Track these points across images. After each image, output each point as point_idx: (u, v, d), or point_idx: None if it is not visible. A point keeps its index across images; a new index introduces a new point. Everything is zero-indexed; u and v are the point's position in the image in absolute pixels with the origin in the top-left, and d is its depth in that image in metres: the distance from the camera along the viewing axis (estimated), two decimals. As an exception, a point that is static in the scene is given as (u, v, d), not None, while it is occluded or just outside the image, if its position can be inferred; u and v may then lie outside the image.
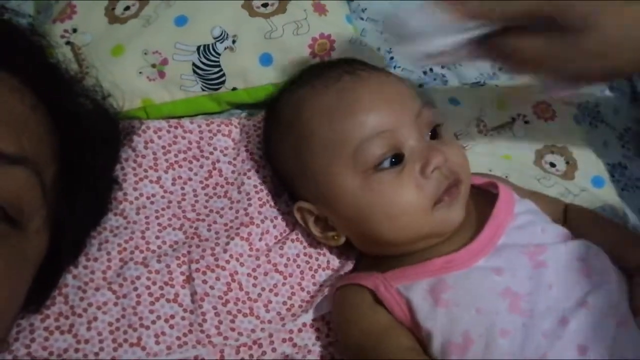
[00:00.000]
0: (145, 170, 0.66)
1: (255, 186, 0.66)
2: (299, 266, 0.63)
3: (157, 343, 0.56)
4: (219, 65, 0.72)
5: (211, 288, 0.59)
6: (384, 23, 0.56)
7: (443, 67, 0.81)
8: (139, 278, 0.59)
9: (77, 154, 0.53)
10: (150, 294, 0.58)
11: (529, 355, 0.50)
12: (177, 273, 0.60)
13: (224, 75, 0.72)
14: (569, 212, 0.65)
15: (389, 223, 0.55)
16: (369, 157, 0.55)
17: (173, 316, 0.58)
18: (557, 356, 0.50)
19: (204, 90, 0.73)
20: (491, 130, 0.76)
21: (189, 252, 0.61)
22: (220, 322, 0.58)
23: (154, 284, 0.59)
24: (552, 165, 0.74)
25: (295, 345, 0.59)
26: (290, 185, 0.63)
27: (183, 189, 0.66)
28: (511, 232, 0.56)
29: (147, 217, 0.63)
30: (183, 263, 0.60)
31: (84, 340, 0.55)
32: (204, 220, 0.65)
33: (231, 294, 0.59)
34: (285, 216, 0.65)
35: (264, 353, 0.58)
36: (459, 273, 0.54)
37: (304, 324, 0.60)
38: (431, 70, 0.82)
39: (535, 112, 0.78)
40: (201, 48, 0.71)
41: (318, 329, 0.60)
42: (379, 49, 0.81)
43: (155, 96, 0.72)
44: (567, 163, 0.74)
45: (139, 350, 0.56)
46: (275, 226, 0.64)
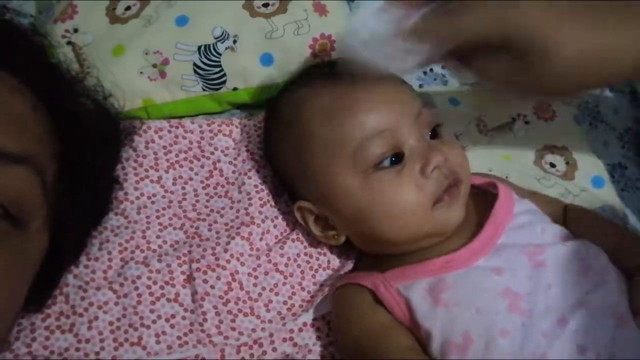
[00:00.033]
0: (146, 170, 0.66)
1: (255, 186, 0.66)
2: (299, 266, 0.63)
3: (158, 342, 0.56)
4: (220, 65, 0.72)
5: (212, 287, 0.59)
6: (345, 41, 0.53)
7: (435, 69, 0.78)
8: (139, 277, 0.59)
9: (78, 153, 0.53)
10: (151, 294, 0.58)
11: (528, 355, 0.50)
12: (178, 272, 0.60)
13: (224, 75, 0.72)
14: (568, 212, 0.65)
15: (389, 222, 0.56)
16: (369, 157, 0.55)
17: (174, 315, 0.58)
18: (557, 356, 0.50)
19: (204, 90, 0.73)
20: (491, 130, 0.76)
21: (190, 252, 0.61)
22: (220, 322, 0.58)
23: (155, 283, 0.59)
24: (552, 165, 0.74)
25: (295, 344, 0.59)
26: (290, 185, 0.64)
27: (184, 188, 0.67)
28: (511, 232, 0.56)
29: (148, 217, 0.63)
30: (184, 262, 0.60)
31: (84, 339, 0.55)
32: (204, 219, 0.65)
33: (232, 294, 0.60)
34: (286, 216, 0.65)
35: (265, 352, 0.58)
36: (458, 273, 0.54)
37: (305, 324, 0.60)
38: (431, 70, 0.82)
39: (535, 112, 0.78)
40: (202, 48, 0.71)
41: (318, 329, 0.60)
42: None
43: (156, 96, 0.72)
44: (567, 163, 0.74)
45: (139, 349, 0.56)
46: (275, 226, 0.65)
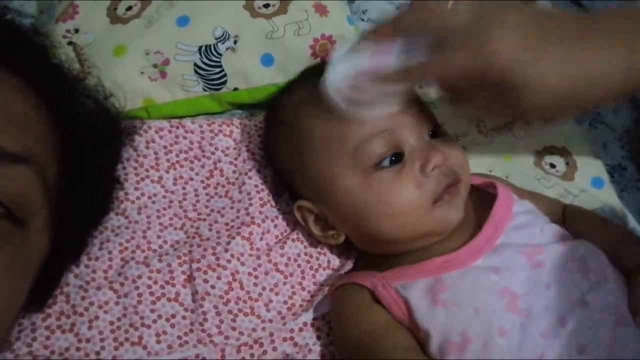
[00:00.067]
0: (147, 170, 0.66)
1: (256, 186, 0.67)
2: (299, 265, 0.63)
3: (158, 342, 0.56)
4: (221, 66, 0.72)
5: (212, 287, 0.59)
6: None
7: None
8: (140, 277, 0.59)
9: (78, 153, 0.53)
10: (152, 293, 0.58)
11: (527, 354, 0.50)
12: (178, 272, 0.60)
13: (225, 75, 0.72)
14: (568, 213, 0.65)
15: (388, 221, 0.56)
16: (370, 156, 0.55)
17: (174, 315, 0.58)
18: (555, 356, 0.50)
19: (205, 90, 0.73)
20: (491, 130, 0.76)
21: (190, 252, 0.61)
22: (221, 321, 0.58)
23: (155, 283, 0.59)
24: (552, 166, 0.74)
25: (296, 344, 0.59)
26: (290, 185, 0.64)
27: (184, 188, 0.67)
28: (510, 232, 0.56)
29: (149, 217, 0.64)
30: (184, 262, 0.60)
31: (85, 339, 0.55)
32: (205, 219, 0.65)
33: (232, 293, 0.60)
34: (286, 216, 0.65)
35: (265, 352, 0.58)
36: (457, 272, 0.54)
37: (305, 323, 0.60)
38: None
39: (535, 113, 0.78)
40: (203, 48, 0.72)
41: (319, 328, 0.60)
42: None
43: (156, 96, 0.72)
44: (567, 164, 0.74)
45: (140, 349, 0.56)
46: (276, 226, 0.65)
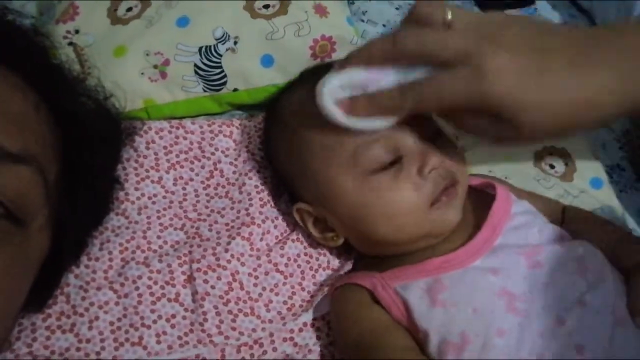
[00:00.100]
0: (147, 171, 0.66)
1: (256, 186, 0.67)
2: (299, 266, 0.63)
3: (159, 342, 0.56)
4: (221, 66, 0.72)
5: (212, 287, 0.59)
6: None
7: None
8: (140, 277, 0.59)
9: (77, 153, 0.53)
10: (152, 294, 0.58)
11: (525, 355, 0.50)
12: (179, 273, 0.60)
13: (225, 76, 0.73)
14: (566, 213, 0.65)
15: (387, 223, 0.56)
16: (370, 161, 0.55)
17: (174, 315, 0.58)
18: (554, 356, 0.50)
19: (205, 91, 0.73)
20: (491, 131, 0.76)
21: (190, 252, 0.61)
22: (221, 322, 0.58)
23: (155, 283, 0.59)
24: (552, 166, 0.74)
25: (296, 344, 0.59)
26: (289, 186, 0.64)
27: (184, 189, 0.67)
28: (508, 233, 0.57)
29: (149, 217, 0.64)
30: (184, 263, 0.60)
31: (85, 339, 0.55)
32: (205, 220, 0.65)
33: (232, 294, 0.60)
34: (286, 216, 0.65)
35: (265, 352, 0.58)
36: (456, 273, 0.54)
37: (305, 324, 0.60)
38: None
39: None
40: (203, 49, 0.72)
41: (319, 329, 0.60)
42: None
43: (157, 97, 0.72)
44: (566, 165, 0.74)
45: (140, 349, 0.56)
46: (276, 226, 0.65)
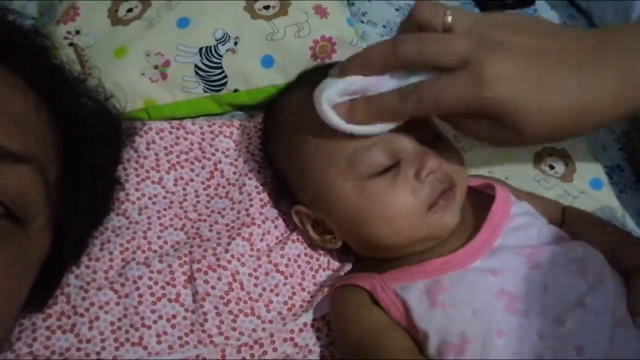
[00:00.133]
0: (147, 171, 0.66)
1: (256, 187, 0.67)
2: (299, 266, 0.63)
3: (159, 342, 0.57)
4: (221, 67, 0.72)
5: (212, 288, 0.59)
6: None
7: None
8: (140, 278, 0.59)
9: (78, 153, 0.53)
10: (152, 294, 0.58)
11: (525, 355, 0.50)
12: (179, 273, 0.60)
13: (225, 77, 0.73)
14: (566, 214, 0.65)
15: (384, 226, 0.56)
16: (369, 165, 0.55)
17: (175, 316, 0.58)
18: (554, 357, 0.50)
19: (205, 91, 0.73)
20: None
21: (191, 252, 0.61)
22: (221, 322, 0.58)
23: (156, 283, 0.59)
24: (552, 167, 0.74)
25: (296, 345, 0.59)
26: (288, 188, 0.64)
27: (185, 189, 0.67)
28: (507, 234, 0.57)
29: (149, 218, 0.64)
30: (185, 263, 0.60)
31: (85, 339, 0.55)
32: (205, 220, 0.65)
33: (232, 294, 0.60)
34: (287, 217, 0.65)
35: (265, 353, 0.58)
36: (455, 274, 0.54)
37: (305, 324, 0.60)
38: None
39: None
40: (203, 50, 0.72)
41: (319, 329, 0.60)
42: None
43: (157, 97, 0.72)
44: (566, 165, 0.74)
45: (140, 349, 0.56)
46: (276, 227, 0.65)
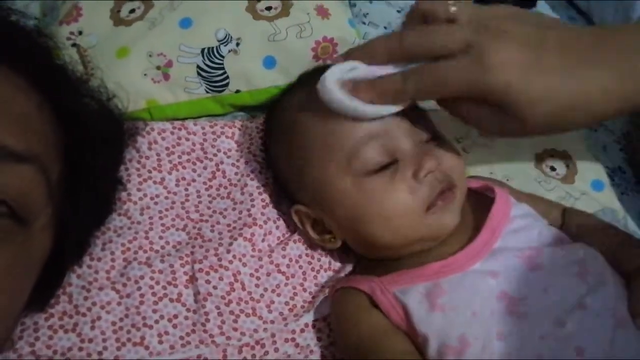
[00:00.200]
0: (149, 171, 0.66)
1: (258, 187, 0.67)
2: (301, 267, 0.63)
3: (160, 342, 0.57)
4: (223, 68, 0.72)
5: (214, 288, 0.59)
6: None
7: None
8: (142, 278, 0.59)
9: (79, 153, 0.53)
10: (154, 294, 0.58)
11: (525, 357, 0.50)
12: (181, 273, 0.60)
13: (227, 77, 0.73)
14: (567, 216, 0.65)
15: (382, 225, 0.56)
16: (365, 163, 0.55)
17: (176, 316, 0.58)
18: (554, 358, 0.50)
19: (207, 92, 0.73)
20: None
21: (192, 253, 0.61)
22: (223, 322, 0.58)
23: (158, 283, 0.59)
24: (553, 169, 0.74)
25: (297, 345, 0.59)
26: (289, 188, 0.64)
27: (187, 190, 0.67)
28: (507, 236, 0.56)
29: (151, 218, 0.64)
30: (186, 263, 0.61)
31: (87, 339, 0.56)
32: (207, 221, 0.65)
33: (234, 294, 0.60)
34: (288, 217, 0.65)
35: (267, 353, 0.58)
36: (454, 277, 0.54)
37: (306, 324, 0.60)
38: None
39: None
40: (205, 50, 0.72)
41: (320, 329, 0.60)
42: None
43: (159, 98, 0.72)
44: (567, 167, 0.74)
45: (142, 349, 0.56)
46: (278, 227, 0.65)
